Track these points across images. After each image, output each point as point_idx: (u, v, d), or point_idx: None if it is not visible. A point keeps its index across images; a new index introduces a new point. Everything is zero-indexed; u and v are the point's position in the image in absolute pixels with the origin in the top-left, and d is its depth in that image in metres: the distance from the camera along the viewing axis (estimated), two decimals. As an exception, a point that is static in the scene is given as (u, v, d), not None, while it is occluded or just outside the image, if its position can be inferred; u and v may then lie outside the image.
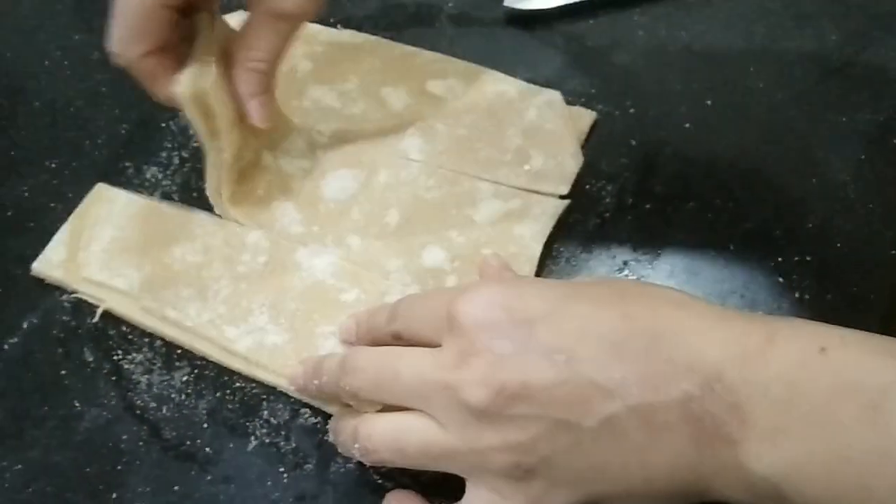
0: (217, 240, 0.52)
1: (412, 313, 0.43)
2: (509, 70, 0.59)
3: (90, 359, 0.50)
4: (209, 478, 0.46)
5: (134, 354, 0.50)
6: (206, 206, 0.55)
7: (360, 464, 0.46)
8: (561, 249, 0.52)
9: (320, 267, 0.51)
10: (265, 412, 0.48)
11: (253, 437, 0.47)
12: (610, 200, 0.54)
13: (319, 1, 0.48)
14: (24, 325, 0.52)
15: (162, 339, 0.51)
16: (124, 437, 0.48)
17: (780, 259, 0.51)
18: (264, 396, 0.48)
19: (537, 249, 0.51)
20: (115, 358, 0.50)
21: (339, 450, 0.44)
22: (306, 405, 0.48)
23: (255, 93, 0.49)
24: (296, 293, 0.50)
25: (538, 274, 0.51)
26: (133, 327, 0.51)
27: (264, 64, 0.49)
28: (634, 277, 0.51)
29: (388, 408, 0.41)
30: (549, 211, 0.52)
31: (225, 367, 0.49)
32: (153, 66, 0.48)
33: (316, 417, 0.47)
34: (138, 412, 0.48)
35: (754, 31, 0.60)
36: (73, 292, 0.53)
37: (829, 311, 0.49)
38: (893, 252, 0.50)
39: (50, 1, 0.68)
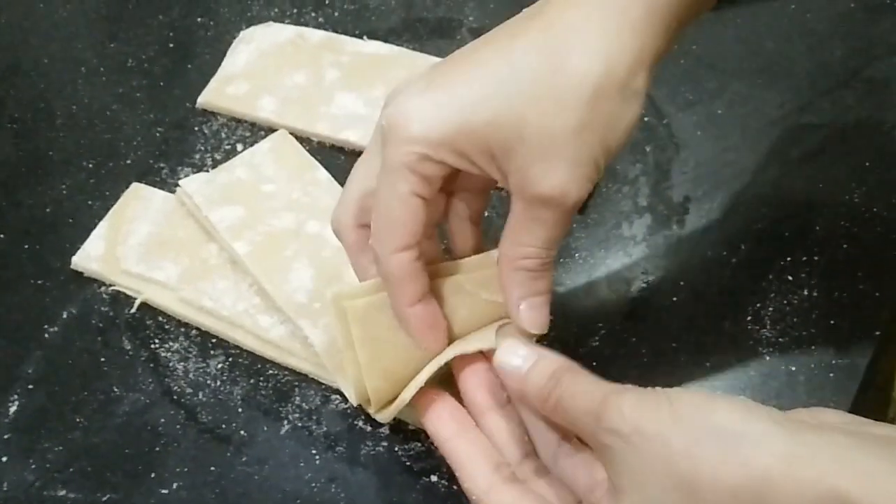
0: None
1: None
2: (529, 79, 0.62)
3: (128, 347, 0.53)
4: (244, 459, 0.48)
5: (170, 343, 0.52)
6: (239, 205, 0.57)
7: (389, 446, 0.48)
8: (579, 248, 0.55)
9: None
10: (297, 398, 0.50)
11: (286, 421, 0.49)
12: (625, 202, 0.57)
13: (584, 181, 0.38)
14: (64, 315, 0.54)
15: (197, 328, 0.53)
16: (162, 420, 0.50)
17: (789, 259, 0.53)
18: (296, 383, 0.50)
19: None
20: (152, 346, 0.52)
21: None
22: (337, 391, 0.50)
23: (525, 294, 0.41)
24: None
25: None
26: (169, 318, 0.53)
27: (532, 261, 0.40)
28: (652, 278, 0.53)
29: None
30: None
31: (258, 355, 0.51)
32: (406, 265, 0.40)
33: (346, 403, 0.49)
34: (175, 397, 0.50)
35: (763, 45, 0.63)
36: (111, 284, 0.55)
37: (837, 309, 0.51)
38: (897, 253, 0.53)
39: (85, 10, 0.70)
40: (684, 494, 0.33)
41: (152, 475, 0.48)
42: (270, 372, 0.51)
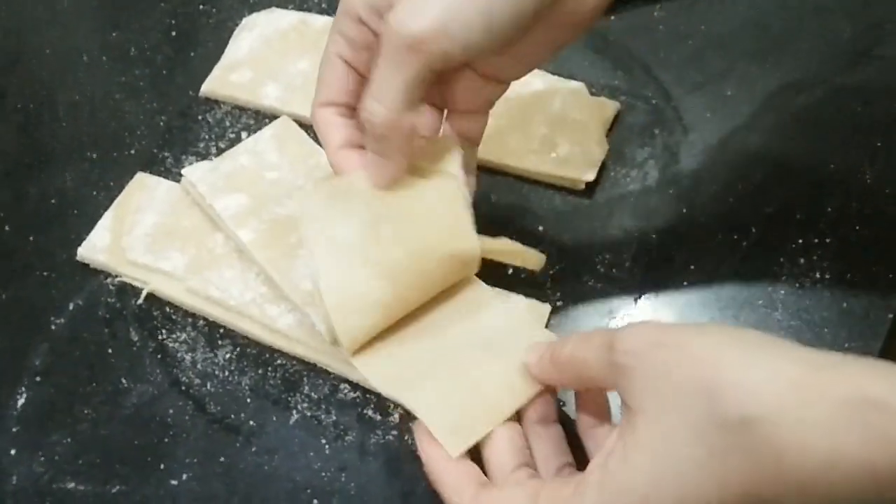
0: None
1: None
2: (535, 63, 0.61)
3: (135, 338, 0.52)
4: (254, 449, 0.48)
5: (178, 334, 0.52)
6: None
7: (399, 435, 0.47)
8: (588, 231, 0.54)
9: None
10: (306, 387, 0.50)
11: (295, 411, 0.49)
12: (634, 186, 0.56)
13: (448, 27, 0.39)
14: (71, 307, 0.54)
15: (205, 318, 0.52)
16: (170, 411, 0.49)
17: (801, 241, 0.52)
18: (305, 373, 0.50)
19: None
20: (159, 337, 0.52)
21: None
22: (346, 381, 0.49)
23: (341, 141, 0.45)
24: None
25: (560, 259, 0.53)
26: (176, 308, 0.53)
27: (375, 114, 0.41)
28: (662, 262, 0.53)
29: None
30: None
31: (266, 346, 0.51)
32: (327, 116, 0.45)
33: (355, 392, 0.49)
34: (183, 388, 0.50)
35: (772, 24, 0.62)
36: (117, 275, 0.55)
37: (849, 292, 0.50)
38: (910, 234, 0.52)
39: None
40: (705, 399, 0.32)
41: (161, 466, 0.48)
42: (279, 362, 0.51)
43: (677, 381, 0.33)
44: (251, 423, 0.49)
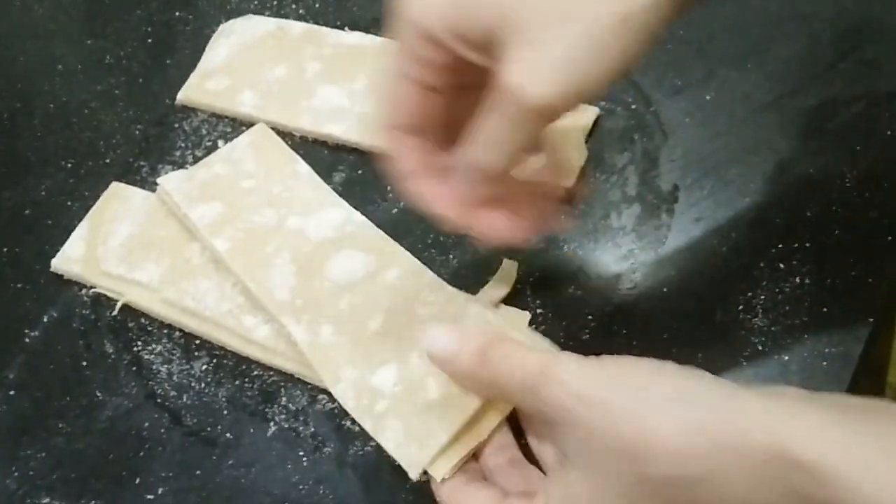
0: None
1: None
2: (514, 69, 0.61)
3: (110, 350, 0.52)
4: (230, 462, 0.47)
5: (153, 345, 0.52)
6: (221, 202, 0.56)
7: (378, 447, 0.47)
8: (567, 239, 0.54)
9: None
10: (283, 398, 0.49)
11: (272, 423, 0.48)
12: (614, 192, 0.56)
13: (551, 82, 0.35)
14: (45, 319, 0.53)
15: (181, 330, 0.52)
16: (146, 424, 0.49)
17: (780, 246, 0.52)
18: (282, 384, 0.50)
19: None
20: (134, 349, 0.52)
21: None
22: (324, 391, 0.49)
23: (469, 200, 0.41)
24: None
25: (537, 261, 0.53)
26: (152, 319, 0.52)
27: (488, 166, 0.39)
28: (642, 268, 0.52)
29: None
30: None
31: (243, 357, 0.51)
32: (396, 141, 0.41)
33: (333, 403, 0.49)
34: (159, 401, 0.50)
35: (751, 29, 0.62)
36: (91, 287, 0.54)
37: (829, 296, 0.50)
38: (890, 238, 0.52)
39: (63, 7, 0.69)
40: (630, 460, 0.32)
41: (137, 481, 0.47)
42: (256, 373, 0.50)
43: (604, 442, 0.33)
44: (228, 435, 0.48)
